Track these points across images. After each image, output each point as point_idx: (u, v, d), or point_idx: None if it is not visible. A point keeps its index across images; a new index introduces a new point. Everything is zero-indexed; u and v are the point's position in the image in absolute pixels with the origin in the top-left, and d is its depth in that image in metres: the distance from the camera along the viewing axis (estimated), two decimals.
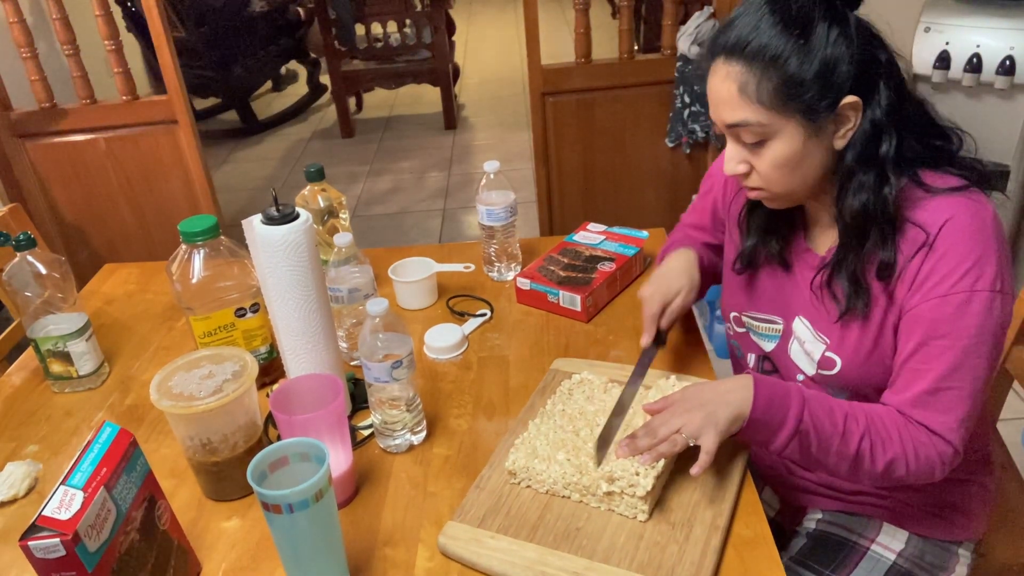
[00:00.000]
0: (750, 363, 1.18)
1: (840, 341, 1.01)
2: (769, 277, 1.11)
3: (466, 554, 0.90)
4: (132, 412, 1.21)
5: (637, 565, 0.86)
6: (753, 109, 0.90)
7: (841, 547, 1.10)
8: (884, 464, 0.92)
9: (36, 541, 0.69)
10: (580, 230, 1.51)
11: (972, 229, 0.91)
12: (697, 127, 2.54)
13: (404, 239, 3.46)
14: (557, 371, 1.18)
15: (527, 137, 3.06)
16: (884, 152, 0.92)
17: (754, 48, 0.89)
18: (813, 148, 0.93)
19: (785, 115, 0.90)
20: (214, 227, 1.12)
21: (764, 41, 0.88)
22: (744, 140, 0.94)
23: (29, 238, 1.19)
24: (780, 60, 0.88)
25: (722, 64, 0.92)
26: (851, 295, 0.97)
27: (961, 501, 1.11)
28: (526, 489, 0.97)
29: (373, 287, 1.25)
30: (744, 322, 1.16)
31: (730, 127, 0.94)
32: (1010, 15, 2.12)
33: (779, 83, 0.89)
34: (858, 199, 0.93)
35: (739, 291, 1.16)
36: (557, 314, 1.35)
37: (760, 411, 0.90)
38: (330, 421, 0.93)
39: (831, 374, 1.03)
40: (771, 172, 0.94)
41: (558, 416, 1.04)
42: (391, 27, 4.50)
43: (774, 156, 0.93)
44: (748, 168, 0.96)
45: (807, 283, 1.05)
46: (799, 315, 1.07)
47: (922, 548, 1.10)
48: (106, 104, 2.52)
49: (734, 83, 0.91)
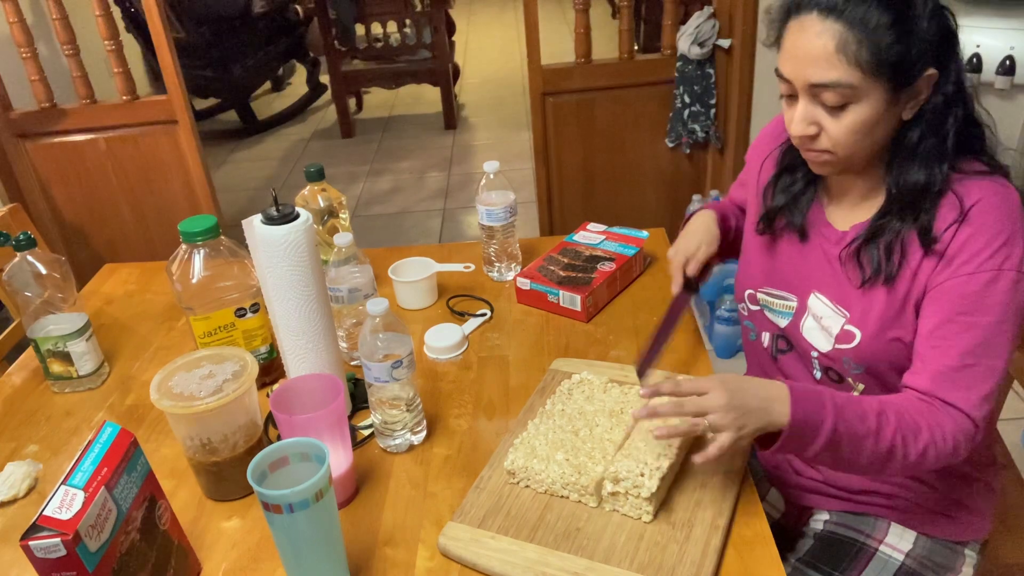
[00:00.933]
0: (765, 342, 1.17)
1: (861, 314, 1.01)
2: (785, 252, 1.12)
3: (466, 555, 0.90)
4: (132, 412, 1.21)
5: (638, 565, 0.86)
6: (848, 70, 0.89)
7: (849, 548, 1.10)
8: (916, 456, 0.91)
9: (37, 541, 0.69)
10: (580, 230, 1.51)
11: (1003, 210, 0.93)
12: (697, 127, 2.54)
13: (404, 239, 3.46)
14: (556, 371, 1.18)
15: (527, 137, 3.07)
16: (949, 127, 0.94)
17: (857, 9, 0.87)
18: (888, 116, 0.93)
19: (876, 80, 0.89)
20: (214, 227, 1.12)
21: (868, 3, 0.87)
22: (825, 101, 0.92)
23: (29, 238, 1.19)
24: (883, 25, 0.87)
25: (816, 19, 0.89)
26: (881, 262, 0.98)
27: (968, 500, 1.11)
28: (525, 489, 0.97)
29: (373, 287, 1.25)
30: (759, 299, 1.16)
31: (815, 86, 0.91)
32: (1010, 15, 2.11)
33: (878, 47, 0.87)
34: (922, 171, 0.94)
35: (755, 267, 1.16)
36: (557, 314, 1.35)
37: (797, 422, 0.87)
38: (330, 421, 0.93)
39: (849, 347, 1.03)
40: (845, 136, 0.93)
41: (557, 416, 1.04)
42: (391, 27, 4.50)
43: (854, 120, 0.92)
44: (818, 130, 0.95)
45: (825, 258, 1.05)
46: (815, 291, 1.07)
47: (930, 548, 1.09)
48: (106, 104, 2.52)
49: (831, 41, 0.88)
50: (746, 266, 1.20)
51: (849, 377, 1.06)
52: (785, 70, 0.94)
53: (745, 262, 1.20)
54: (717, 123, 2.55)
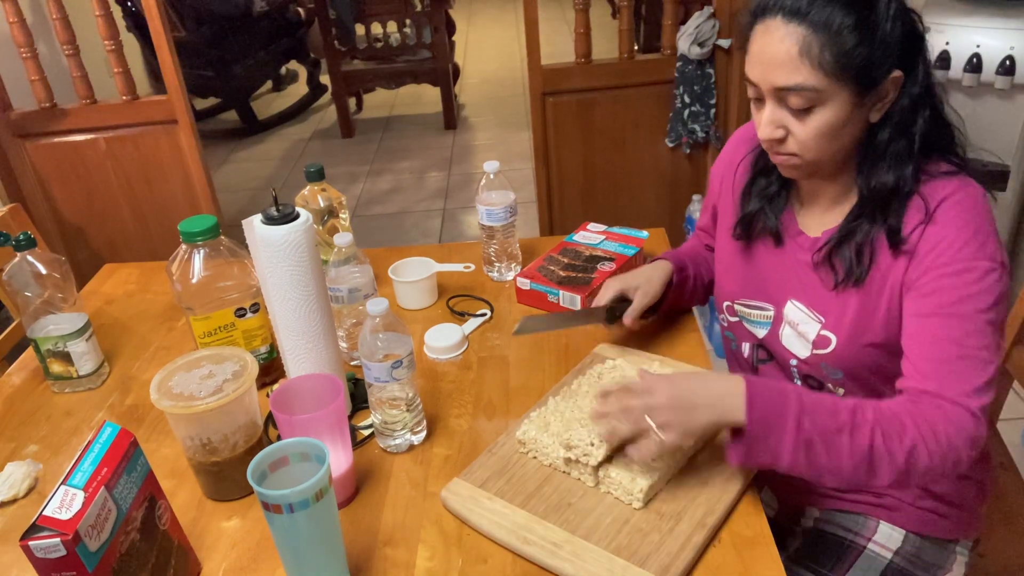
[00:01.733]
0: (745, 352, 1.18)
1: (836, 318, 1.02)
2: (760, 261, 1.12)
3: (461, 510, 0.95)
4: (132, 412, 1.21)
5: (615, 547, 0.87)
6: (812, 74, 0.89)
7: (838, 546, 1.10)
8: (904, 455, 0.86)
9: (37, 541, 0.69)
10: (580, 230, 1.51)
11: (968, 205, 0.93)
12: (697, 127, 2.54)
13: (404, 239, 3.46)
14: (596, 355, 1.21)
15: (527, 137, 3.07)
16: (917, 128, 0.94)
17: (820, 12, 0.88)
18: (855, 118, 0.93)
19: (841, 83, 0.89)
20: (214, 227, 1.12)
21: (831, 6, 0.87)
22: (791, 105, 0.92)
23: (29, 238, 1.19)
24: (846, 27, 0.87)
25: (780, 23, 0.90)
26: (852, 263, 0.98)
27: (959, 498, 1.10)
28: (533, 460, 1.01)
29: (373, 287, 1.25)
30: (737, 311, 1.17)
31: (780, 90, 0.92)
32: (1010, 15, 2.12)
33: (842, 50, 0.88)
34: (891, 173, 0.95)
35: (731, 278, 1.17)
36: None
37: (756, 417, 0.85)
38: (330, 421, 0.93)
39: (826, 352, 1.04)
40: (811, 139, 0.94)
41: (580, 397, 1.05)
42: (391, 27, 4.50)
43: (820, 123, 0.92)
44: (785, 133, 0.95)
45: (799, 264, 1.06)
46: (791, 298, 1.08)
47: (919, 546, 1.09)
48: (106, 104, 2.52)
49: (795, 45, 0.89)
50: (722, 278, 1.20)
51: (829, 383, 1.07)
52: (752, 74, 0.94)
53: (721, 274, 1.21)
54: (717, 123, 2.55)
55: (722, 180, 1.21)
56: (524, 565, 0.89)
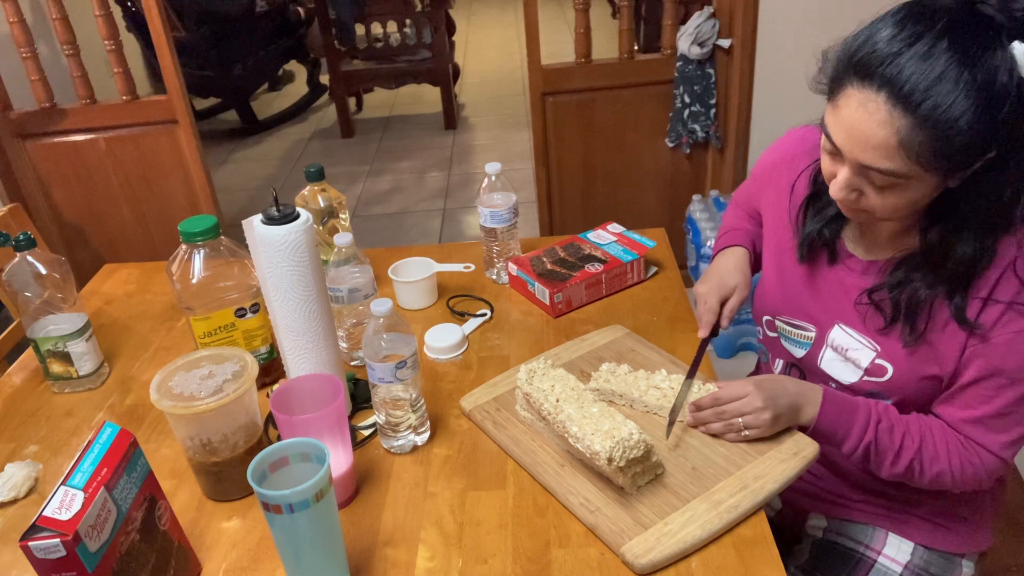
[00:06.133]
0: (777, 369, 1.16)
1: (893, 349, 0.99)
2: (807, 278, 1.08)
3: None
4: (132, 412, 1.21)
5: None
6: (905, 163, 0.82)
7: (848, 558, 1.10)
8: (931, 477, 0.99)
9: (36, 541, 0.69)
10: (598, 228, 1.49)
11: None
12: (697, 127, 2.54)
13: (404, 239, 3.46)
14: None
15: (527, 137, 3.07)
16: (1005, 198, 0.87)
17: (931, 105, 0.77)
18: (933, 190, 0.87)
19: (931, 171, 0.82)
20: (214, 227, 1.12)
21: (945, 101, 0.77)
22: (872, 179, 0.86)
23: (29, 238, 1.19)
24: (958, 120, 0.78)
25: (884, 105, 0.80)
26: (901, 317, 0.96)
27: (969, 512, 1.10)
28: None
29: (373, 287, 1.25)
30: (777, 327, 1.14)
31: (865, 167, 0.85)
32: None
33: (945, 146, 0.80)
34: (969, 243, 0.89)
35: (775, 293, 1.13)
36: (537, 306, 1.36)
37: (821, 427, 0.99)
38: (330, 421, 0.93)
39: (881, 380, 1.01)
40: (887, 210, 0.88)
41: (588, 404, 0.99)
42: (391, 27, 4.50)
43: (899, 200, 0.87)
44: (859, 196, 0.89)
45: (848, 289, 1.03)
46: (839, 322, 1.04)
47: (927, 559, 1.09)
48: (106, 104, 2.52)
49: (894, 135, 0.80)
50: (766, 290, 1.15)
51: None
52: (836, 138, 0.86)
53: (764, 285, 1.17)
54: (717, 123, 2.55)
55: (777, 184, 1.14)
56: (524, 565, 0.89)
